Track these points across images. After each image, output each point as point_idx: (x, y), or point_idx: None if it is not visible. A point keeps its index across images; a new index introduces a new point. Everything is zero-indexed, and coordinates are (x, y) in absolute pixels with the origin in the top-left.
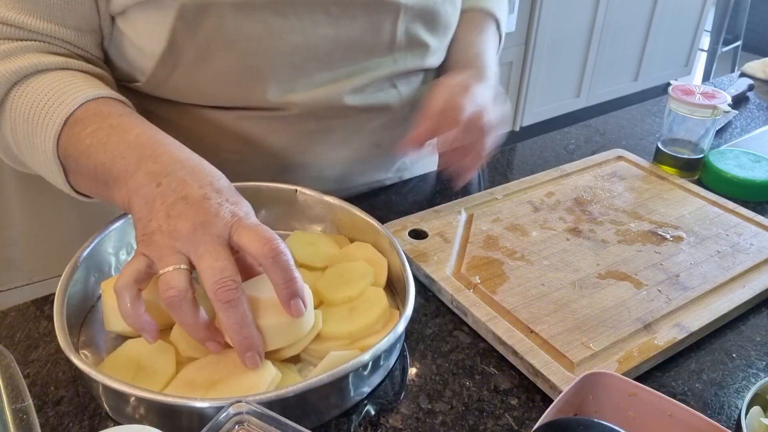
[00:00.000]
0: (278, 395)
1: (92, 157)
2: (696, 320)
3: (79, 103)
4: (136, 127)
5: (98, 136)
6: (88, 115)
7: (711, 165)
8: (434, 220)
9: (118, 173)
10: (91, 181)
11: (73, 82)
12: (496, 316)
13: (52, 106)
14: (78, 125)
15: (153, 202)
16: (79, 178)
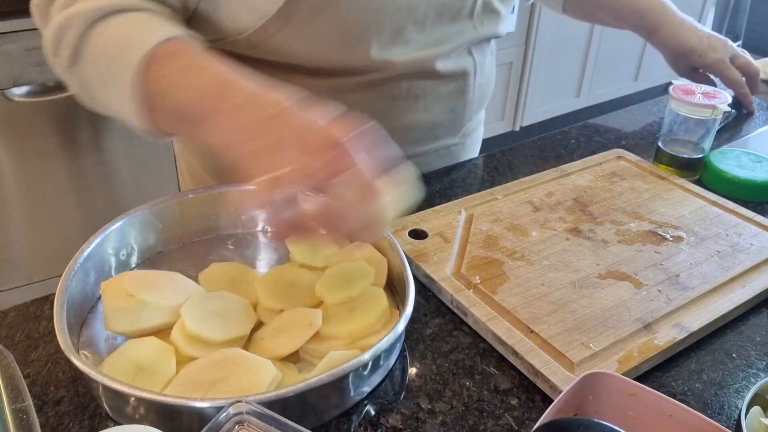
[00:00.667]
0: (278, 395)
1: (173, 96)
2: (696, 320)
3: (155, 41)
4: (211, 65)
5: (175, 76)
6: (165, 53)
7: (712, 165)
8: (434, 220)
9: (203, 111)
10: (175, 118)
11: (150, 21)
12: (496, 316)
13: (130, 45)
14: (156, 63)
15: (244, 132)
16: (162, 115)
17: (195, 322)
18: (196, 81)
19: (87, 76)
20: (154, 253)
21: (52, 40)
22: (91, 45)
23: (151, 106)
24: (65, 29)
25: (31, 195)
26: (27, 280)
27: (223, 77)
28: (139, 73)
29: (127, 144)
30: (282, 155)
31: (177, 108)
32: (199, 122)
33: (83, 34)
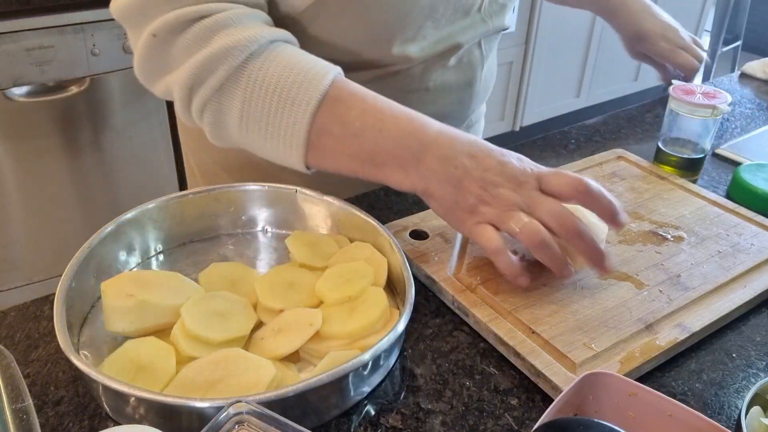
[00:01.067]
0: (278, 395)
1: (368, 140)
2: (697, 320)
3: (329, 82)
4: (402, 112)
5: (370, 121)
6: (344, 95)
7: (741, 179)
8: (435, 220)
9: (404, 160)
10: (355, 161)
11: (311, 59)
12: (497, 317)
13: (303, 84)
14: (340, 106)
15: (461, 182)
16: (331, 155)
17: (195, 322)
18: (390, 125)
19: (232, 113)
20: (154, 253)
21: (193, 74)
22: (247, 81)
23: (322, 146)
24: (214, 64)
25: (31, 195)
26: (27, 280)
27: (415, 126)
28: (312, 116)
29: (127, 144)
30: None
31: (370, 152)
32: (395, 168)
33: (236, 71)
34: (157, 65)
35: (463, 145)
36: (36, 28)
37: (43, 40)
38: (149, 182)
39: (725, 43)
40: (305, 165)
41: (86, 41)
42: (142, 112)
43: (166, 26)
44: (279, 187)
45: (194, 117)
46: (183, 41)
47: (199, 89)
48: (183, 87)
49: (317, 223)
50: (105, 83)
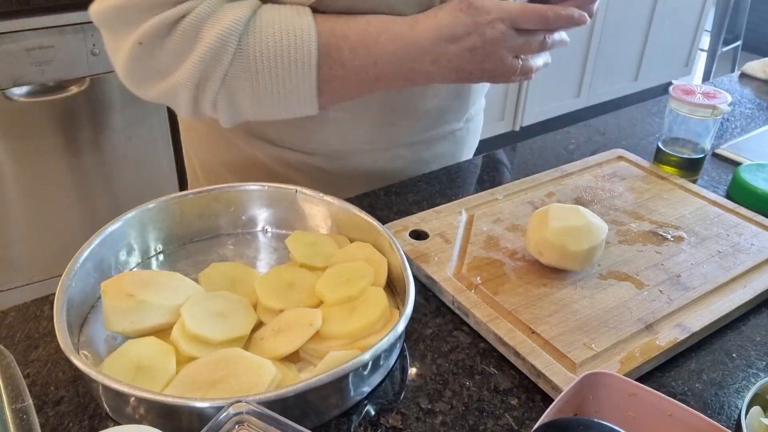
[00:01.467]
0: (278, 395)
1: (368, 72)
2: (697, 320)
3: (315, 37)
4: (383, 35)
5: (362, 55)
6: (330, 40)
7: (741, 179)
8: (435, 220)
9: (405, 74)
10: (363, 88)
11: (284, 13)
12: (497, 317)
13: (297, 43)
14: (333, 52)
15: (460, 69)
16: (341, 93)
17: (195, 322)
18: (380, 54)
19: (243, 92)
20: (154, 253)
21: (198, 70)
22: (249, 58)
23: (330, 89)
24: (218, 54)
25: (31, 195)
26: (27, 280)
27: (396, 43)
28: (317, 67)
29: (127, 144)
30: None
31: (369, 81)
32: (407, 79)
33: (236, 52)
34: (147, 72)
35: (441, 41)
36: (36, 28)
37: (43, 40)
38: (149, 182)
39: (725, 43)
40: (319, 108)
41: (86, 41)
42: (142, 112)
43: (150, 33)
44: (279, 187)
45: (207, 111)
46: (171, 44)
47: (207, 84)
48: (189, 87)
49: (317, 223)
50: (105, 83)
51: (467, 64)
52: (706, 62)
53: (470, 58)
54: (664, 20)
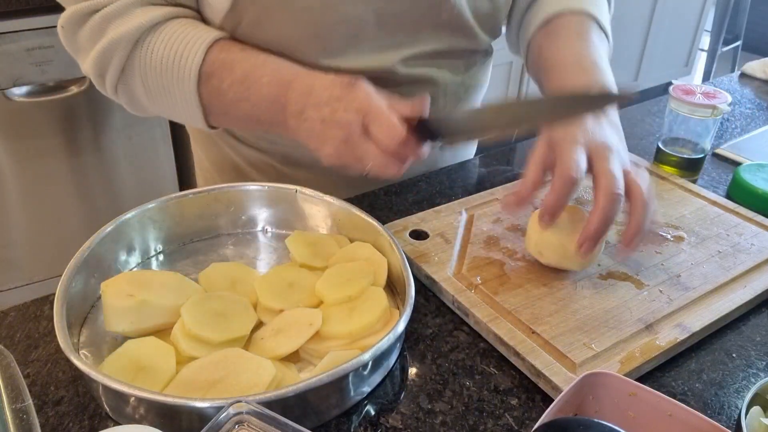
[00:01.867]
0: (278, 395)
1: (240, 109)
2: (697, 320)
3: (201, 56)
4: (264, 74)
5: (238, 90)
6: (215, 68)
7: (741, 179)
8: (435, 220)
9: (271, 121)
10: (241, 123)
11: (187, 33)
12: (497, 317)
13: (181, 61)
14: (213, 79)
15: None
16: (225, 120)
17: (195, 322)
18: (256, 94)
19: (138, 90)
20: (154, 253)
21: (96, 65)
22: (140, 65)
23: (215, 112)
24: (109, 54)
25: (31, 195)
26: (27, 280)
27: (273, 89)
28: (197, 90)
29: (127, 144)
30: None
31: (247, 118)
32: (270, 127)
33: (129, 57)
34: (73, 50)
35: (310, 96)
36: (36, 28)
37: (43, 40)
38: (149, 182)
39: (725, 43)
40: (210, 127)
41: None
42: None
43: (69, 20)
44: (279, 187)
45: (111, 96)
46: (83, 33)
47: (106, 74)
48: (93, 74)
49: (317, 223)
50: None
51: (317, 135)
52: (706, 62)
53: (320, 129)
54: (664, 20)
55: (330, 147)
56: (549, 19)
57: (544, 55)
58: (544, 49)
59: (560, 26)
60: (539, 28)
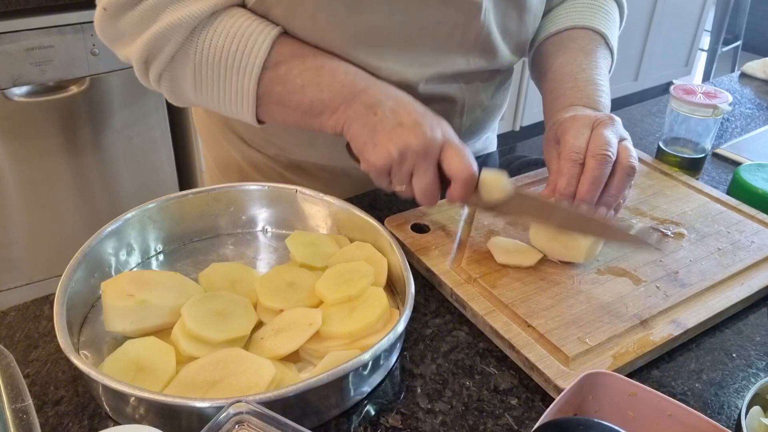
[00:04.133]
0: (278, 395)
1: (305, 95)
2: (692, 317)
3: (269, 46)
4: (339, 65)
5: (308, 76)
6: (285, 57)
7: (741, 179)
8: (436, 214)
9: (336, 106)
10: (296, 113)
11: (250, 23)
12: (494, 310)
13: (246, 51)
14: (281, 67)
15: (374, 128)
16: (278, 110)
17: (195, 321)
18: (329, 80)
19: (186, 79)
20: (154, 253)
21: (145, 50)
22: (195, 53)
23: (268, 102)
24: (163, 40)
25: (31, 195)
26: (27, 280)
27: (351, 78)
28: (261, 77)
29: (127, 144)
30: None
31: (310, 104)
32: (329, 114)
33: (183, 44)
34: (111, 35)
35: (389, 98)
36: (36, 28)
37: (43, 40)
38: (149, 182)
39: (725, 43)
40: (257, 121)
41: (86, 41)
42: (142, 112)
43: (115, 2)
44: (279, 187)
45: (152, 85)
46: (131, 17)
47: (154, 62)
48: (138, 60)
49: (317, 223)
50: (105, 83)
51: (382, 133)
52: (706, 62)
53: (390, 129)
54: (664, 20)
55: (392, 149)
56: (560, 31)
57: (546, 65)
58: (548, 59)
59: (568, 39)
60: (547, 38)
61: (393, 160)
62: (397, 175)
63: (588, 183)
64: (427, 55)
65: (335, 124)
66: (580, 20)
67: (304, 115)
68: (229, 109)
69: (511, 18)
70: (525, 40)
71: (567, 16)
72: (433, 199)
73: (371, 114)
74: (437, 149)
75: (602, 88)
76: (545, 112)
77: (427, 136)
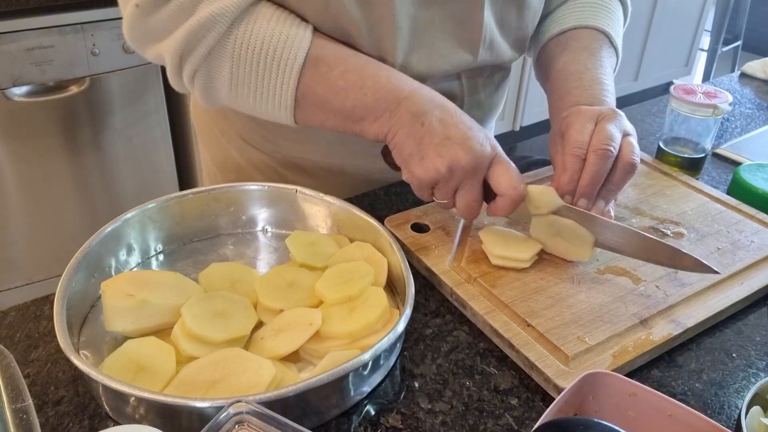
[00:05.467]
0: (278, 395)
1: (350, 97)
2: (692, 316)
3: (309, 42)
4: (381, 68)
5: (351, 78)
6: (325, 54)
7: (741, 179)
8: (436, 213)
9: (380, 112)
10: (337, 117)
11: (286, 18)
12: (493, 309)
13: (286, 45)
14: (322, 66)
15: (422, 139)
16: (317, 112)
17: (196, 321)
18: (373, 83)
19: (221, 77)
20: (154, 253)
21: (182, 45)
22: (234, 47)
23: (307, 104)
24: (202, 33)
25: (31, 195)
26: (27, 280)
27: (394, 83)
28: (299, 77)
29: (127, 144)
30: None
31: (352, 108)
32: (372, 120)
33: (222, 38)
34: (144, 33)
35: (435, 107)
36: (36, 28)
37: (43, 40)
38: (149, 182)
39: (725, 43)
40: (294, 121)
41: (86, 41)
42: (142, 112)
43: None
44: (279, 186)
45: (186, 83)
46: (167, 11)
47: (189, 56)
48: (174, 55)
49: (317, 223)
50: (105, 83)
51: (430, 145)
52: (706, 62)
53: (439, 142)
54: (664, 20)
55: (440, 165)
56: (564, 31)
57: (551, 65)
58: (552, 59)
59: (572, 38)
60: (552, 38)
61: (440, 176)
62: (442, 190)
63: (588, 178)
64: (437, 50)
65: (378, 131)
66: (583, 20)
67: (345, 120)
68: (265, 108)
69: (510, 13)
70: (524, 36)
71: (570, 16)
72: (476, 214)
73: (418, 124)
74: (486, 166)
75: (607, 87)
76: (551, 112)
77: (477, 152)
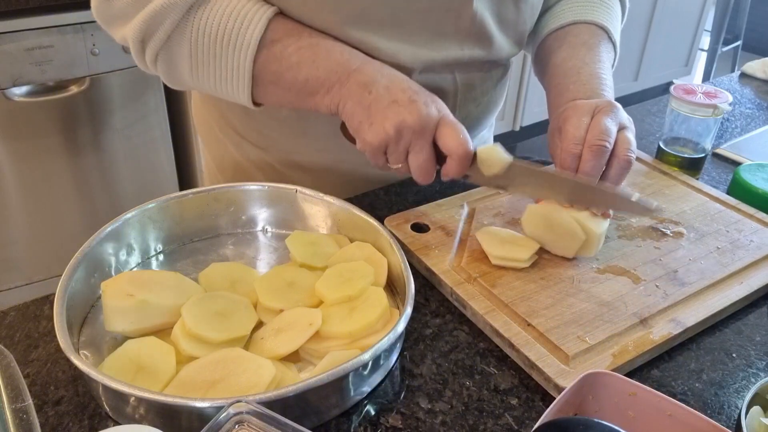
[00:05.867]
0: (278, 395)
1: (303, 71)
2: (692, 316)
3: (264, 24)
4: (335, 45)
5: (304, 54)
6: (280, 35)
7: (741, 179)
8: (436, 213)
9: (331, 84)
10: (291, 92)
11: (246, 5)
12: (494, 309)
13: (242, 29)
14: (277, 45)
15: (369, 106)
16: (273, 89)
17: (196, 321)
18: (324, 58)
19: (182, 60)
20: (154, 253)
21: (141, 30)
22: (192, 31)
23: (264, 81)
24: (159, 19)
25: (31, 195)
26: (27, 280)
27: (346, 57)
28: (254, 58)
29: (127, 144)
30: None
31: (305, 82)
32: (324, 93)
33: (180, 23)
34: (108, 17)
35: (383, 76)
36: (36, 28)
37: (43, 40)
38: (149, 182)
39: (725, 43)
40: (253, 102)
41: (86, 41)
42: (142, 112)
43: None
44: (279, 186)
45: (149, 66)
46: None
47: (150, 41)
48: (135, 40)
49: (317, 223)
50: (105, 83)
51: (377, 111)
52: (706, 62)
53: (385, 106)
54: (664, 20)
55: (388, 126)
56: (562, 26)
57: (549, 60)
58: (551, 54)
59: (571, 34)
60: (550, 33)
61: (389, 138)
62: (393, 153)
63: (583, 174)
64: (421, 40)
65: (330, 103)
66: (582, 15)
67: (298, 93)
68: (224, 89)
69: (507, 7)
70: (523, 30)
71: (569, 11)
72: (430, 176)
73: (366, 93)
74: (433, 126)
75: (606, 82)
76: (549, 108)
77: (422, 112)
